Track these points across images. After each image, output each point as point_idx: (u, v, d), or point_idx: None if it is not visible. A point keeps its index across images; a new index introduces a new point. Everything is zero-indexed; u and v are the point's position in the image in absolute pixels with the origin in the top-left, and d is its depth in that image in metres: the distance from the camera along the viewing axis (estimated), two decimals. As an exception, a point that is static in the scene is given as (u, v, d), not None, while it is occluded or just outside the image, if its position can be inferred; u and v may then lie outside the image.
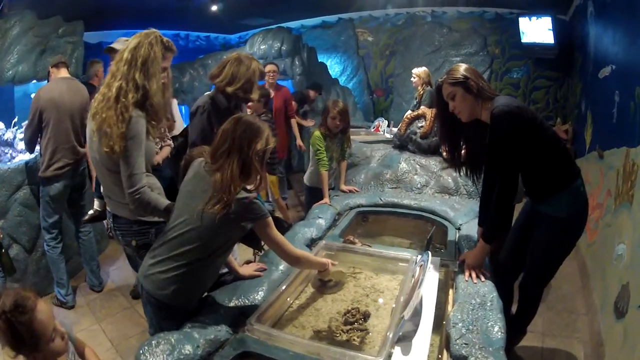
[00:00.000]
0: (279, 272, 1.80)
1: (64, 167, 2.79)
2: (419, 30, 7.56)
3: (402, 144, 3.54)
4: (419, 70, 4.00)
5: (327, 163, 2.93)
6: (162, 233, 1.53)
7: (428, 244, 2.08)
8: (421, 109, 3.60)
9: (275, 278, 1.75)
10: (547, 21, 5.67)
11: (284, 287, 1.69)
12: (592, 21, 4.33)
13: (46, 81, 3.08)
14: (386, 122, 5.38)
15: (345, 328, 1.47)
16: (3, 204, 2.87)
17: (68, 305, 2.95)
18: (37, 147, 2.90)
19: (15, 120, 3.51)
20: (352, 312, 1.55)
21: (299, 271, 1.81)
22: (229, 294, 1.60)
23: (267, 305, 1.55)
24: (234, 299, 1.58)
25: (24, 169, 2.99)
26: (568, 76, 6.26)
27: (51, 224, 2.86)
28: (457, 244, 2.15)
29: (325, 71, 7.40)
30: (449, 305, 1.64)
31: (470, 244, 2.05)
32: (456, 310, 1.45)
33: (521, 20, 6.13)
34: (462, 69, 1.79)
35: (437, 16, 7.50)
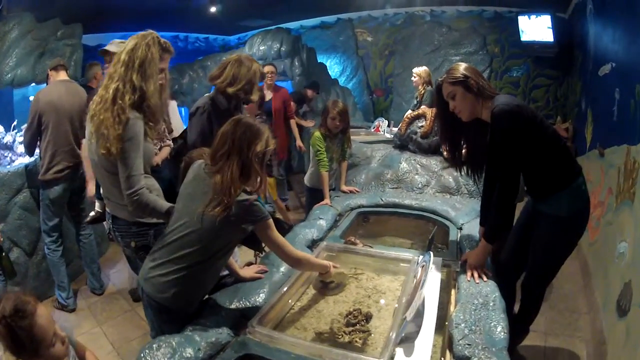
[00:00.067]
0: (280, 273, 1.80)
1: (63, 170, 2.79)
2: (418, 30, 7.55)
3: (403, 143, 3.53)
4: (419, 70, 3.99)
5: (328, 164, 2.92)
6: (162, 236, 1.52)
7: (430, 244, 2.08)
8: (421, 108, 3.59)
9: (276, 280, 1.75)
10: (547, 19, 5.67)
11: (285, 289, 1.68)
12: (592, 19, 4.33)
13: (45, 84, 3.08)
14: (386, 122, 5.37)
15: (347, 330, 1.47)
16: (3, 208, 2.86)
17: (69, 309, 2.94)
18: (37, 150, 2.90)
19: (15, 123, 3.52)
20: (354, 314, 1.54)
21: (300, 273, 1.80)
22: (230, 296, 1.59)
23: (269, 307, 1.55)
24: (235, 301, 1.57)
25: (23, 172, 2.99)
26: (568, 74, 6.25)
27: (51, 227, 2.86)
28: (458, 243, 2.15)
29: (324, 71, 7.39)
30: (451, 305, 1.63)
31: (472, 243, 2.05)
32: (459, 311, 1.45)
33: (520, 18, 6.13)
34: (462, 68, 1.79)
35: (436, 15, 7.49)
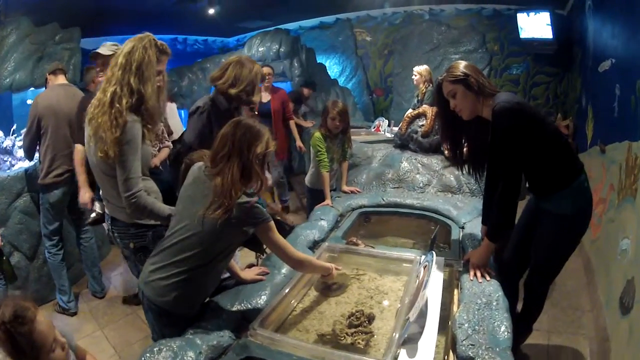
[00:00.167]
0: (282, 275, 1.79)
1: (63, 173, 2.78)
2: (417, 29, 7.53)
3: (403, 143, 3.52)
4: (420, 69, 3.98)
5: (328, 164, 2.92)
6: (162, 239, 1.51)
7: (432, 243, 2.07)
8: (422, 107, 3.58)
9: (278, 282, 1.74)
10: (545, 16, 5.65)
11: (287, 291, 1.67)
12: (591, 15, 4.32)
13: (44, 88, 3.07)
14: (386, 121, 5.35)
15: (349, 331, 1.45)
16: (3, 212, 2.86)
17: (70, 312, 2.94)
18: (37, 154, 2.89)
19: (14, 127, 3.52)
20: (357, 315, 1.53)
21: (302, 274, 1.79)
22: (231, 299, 1.59)
23: (270, 309, 1.54)
24: (237, 303, 1.56)
25: (23, 176, 2.98)
26: (568, 71, 6.24)
27: (52, 231, 2.85)
28: (461, 243, 2.14)
29: (324, 72, 7.38)
30: (454, 305, 1.62)
31: (475, 242, 2.04)
32: (462, 311, 1.44)
33: (519, 16, 6.12)
34: (461, 66, 1.78)
35: (434, 14, 7.48)
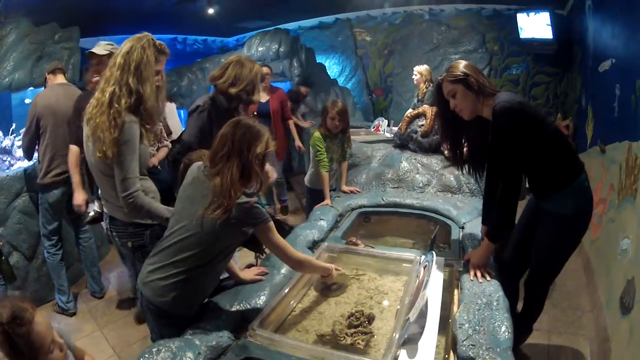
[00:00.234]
0: (281, 275, 1.78)
1: (62, 173, 2.77)
2: (416, 29, 7.53)
3: (403, 143, 3.52)
4: (421, 68, 3.98)
5: (328, 164, 2.91)
6: (161, 239, 1.51)
7: (432, 243, 2.06)
8: (421, 107, 3.58)
9: (277, 282, 1.73)
10: (545, 16, 5.65)
11: (286, 291, 1.66)
12: (591, 15, 4.31)
13: (43, 88, 3.07)
14: (386, 121, 5.36)
15: (349, 331, 1.45)
16: (2, 212, 2.85)
17: (69, 312, 2.93)
18: (36, 154, 2.89)
19: (13, 127, 3.51)
20: (356, 315, 1.52)
21: (302, 274, 1.79)
22: (230, 299, 1.58)
23: (270, 309, 1.53)
24: (236, 304, 1.56)
25: (22, 176, 2.97)
26: (567, 71, 6.23)
27: (51, 230, 2.84)
28: (461, 243, 2.14)
29: (323, 72, 7.37)
30: (454, 305, 1.62)
31: (475, 242, 2.04)
32: (462, 311, 1.43)
33: (519, 16, 6.11)
34: (461, 66, 1.77)
35: (434, 14, 7.48)
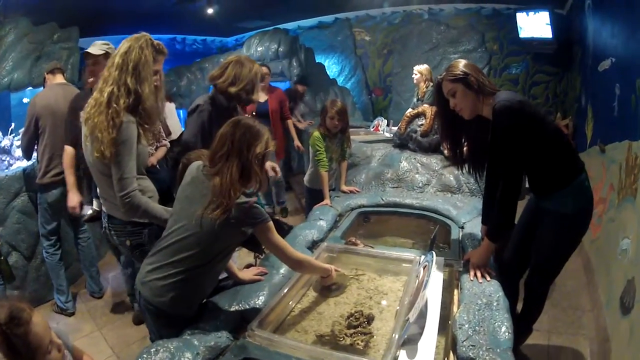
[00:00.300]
0: (280, 275, 1.77)
1: (61, 173, 2.76)
2: (416, 28, 7.52)
3: (403, 142, 3.52)
4: (421, 68, 3.98)
5: (327, 164, 2.90)
6: (160, 239, 1.50)
7: (431, 243, 2.06)
8: (421, 107, 3.57)
9: (276, 282, 1.73)
10: (545, 16, 5.64)
11: (285, 291, 1.66)
12: (590, 14, 4.31)
13: (42, 88, 3.06)
14: (385, 121, 5.35)
15: (348, 332, 1.44)
16: (1, 212, 2.85)
17: (68, 312, 2.93)
18: (35, 154, 2.88)
19: (12, 127, 3.50)
20: (356, 315, 1.52)
21: (301, 274, 1.78)
22: (229, 299, 1.57)
23: (269, 310, 1.52)
24: (235, 304, 1.55)
25: (21, 176, 2.97)
26: (567, 70, 6.23)
27: (49, 230, 2.84)
28: (460, 242, 2.13)
29: (323, 72, 7.36)
30: (454, 306, 1.61)
31: (475, 242, 2.03)
32: (462, 311, 1.43)
33: (518, 15, 6.11)
34: (461, 65, 1.77)
35: (433, 14, 7.47)
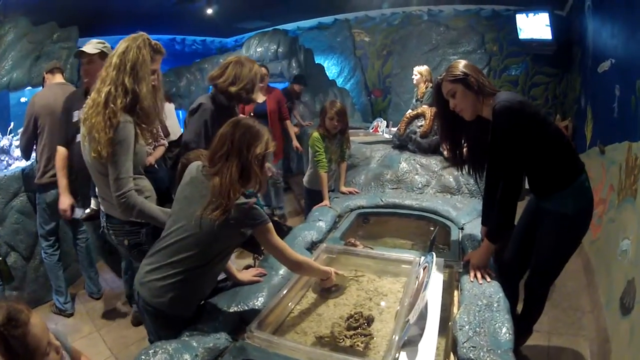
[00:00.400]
0: (279, 277, 1.77)
1: (59, 173, 2.76)
2: (415, 30, 7.53)
3: (402, 143, 3.51)
4: (421, 69, 3.98)
5: (326, 164, 2.90)
6: (159, 239, 1.49)
7: (431, 244, 2.06)
8: (421, 108, 3.57)
9: (275, 283, 1.72)
10: (545, 17, 5.65)
11: (284, 292, 1.65)
12: (590, 15, 4.31)
13: (41, 87, 3.05)
14: (385, 122, 5.35)
15: (348, 333, 1.44)
16: (0, 212, 2.84)
17: (67, 313, 2.92)
18: (34, 154, 2.87)
19: (11, 127, 3.49)
20: (355, 317, 1.51)
21: (300, 276, 1.77)
22: (228, 301, 1.57)
23: (268, 311, 1.52)
24: (233, 305, 1.54)
25: (20, 176, 2.97)
26: (567, 72, 6.23)
27: (48, 231, 2.83)
28: (460, 244, 2.13)
29: (322, 73, 7.37)
30: (454, 307, 1.61)
31: (474, 243, 2.03)
32: (462, 312, 1.42)
33: (518, 16, 6.12)
34: (461, 65, 1.76)
35: (433, 15, 7.47)
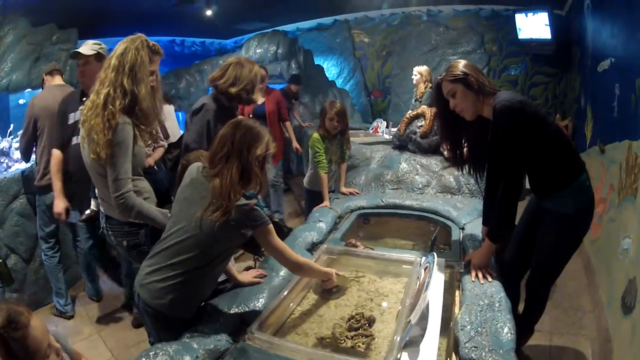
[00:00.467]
0: (280, 278, 1.76)
1: (59, 175, 2.75)
2: (415, 30, 7.54)
3: (402, 144, 3.51)
4: (421, 69, 3.98)
5: (327, 165, 2.90)
6: (159, 241, 1.49)
7: (432, 245, 2.05)
8: (420, 108, 3.57)
9: (276, 284, 1.72)
10: (544, 17, 5.65)
11: (285, 294, 1.65)
12: (589, 15, 4.31)
13: (40, 89, 3.05)
14: (384, 123, 5.36)
15: (349, 334, 1.43)
16: (0, 214, 2.83)
17: (67, 315, 2.91)
18: (33, 156, 2.87)
19: (11, 129, 3.48)
20: (357, 318, 1.51)
21: (301, 277, 1.77)
22: (228, 302, 1.56)
23: (269, 312, 1.51)
24: (234, 306, 1.54)
25: (20, 178, 2.96)
26: (566, 71, 6.24)
27: (48, 233, 2.83)
28: (461, 243, 2.12)
29: (321, 73, 7.37)
30: (455, 307, 1.60)
31: (475, 243, 2.02)
32: (464, 312, 1.42)
33: (517, 16, 6.12)
34: (461, 65, 1.76)
35: (432, 15, 7.48)
